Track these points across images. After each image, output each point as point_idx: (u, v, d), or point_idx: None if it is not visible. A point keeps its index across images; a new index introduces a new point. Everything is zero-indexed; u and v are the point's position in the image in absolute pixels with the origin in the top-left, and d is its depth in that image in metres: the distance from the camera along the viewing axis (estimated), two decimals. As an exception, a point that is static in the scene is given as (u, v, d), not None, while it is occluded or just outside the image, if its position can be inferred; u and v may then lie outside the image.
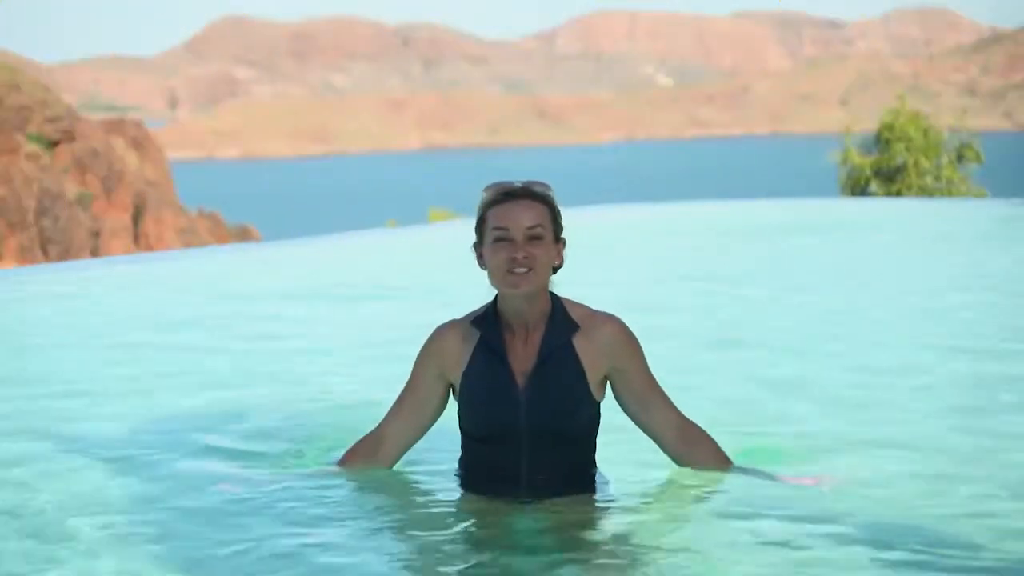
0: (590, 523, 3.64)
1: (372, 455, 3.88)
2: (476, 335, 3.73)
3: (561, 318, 3.71)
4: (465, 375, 3.72)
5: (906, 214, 16.05)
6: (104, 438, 4.81)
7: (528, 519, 3.62)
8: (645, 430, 3.82)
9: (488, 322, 3.73)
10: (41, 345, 6.81)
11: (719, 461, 3.85)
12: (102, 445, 4.70)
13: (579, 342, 3.70)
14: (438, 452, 4.11)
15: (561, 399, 3.66)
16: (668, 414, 3.78)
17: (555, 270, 3.75)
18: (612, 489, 3.84)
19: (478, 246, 3.72)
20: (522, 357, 3.70)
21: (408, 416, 3.82)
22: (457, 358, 3.75)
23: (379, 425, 3.87)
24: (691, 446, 3.81)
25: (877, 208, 17.59)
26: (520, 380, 3.68)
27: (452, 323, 3.80)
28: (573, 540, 3.53)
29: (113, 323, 7.62)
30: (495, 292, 3.73)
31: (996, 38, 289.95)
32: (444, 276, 9.39)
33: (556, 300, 3.74)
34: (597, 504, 3.74)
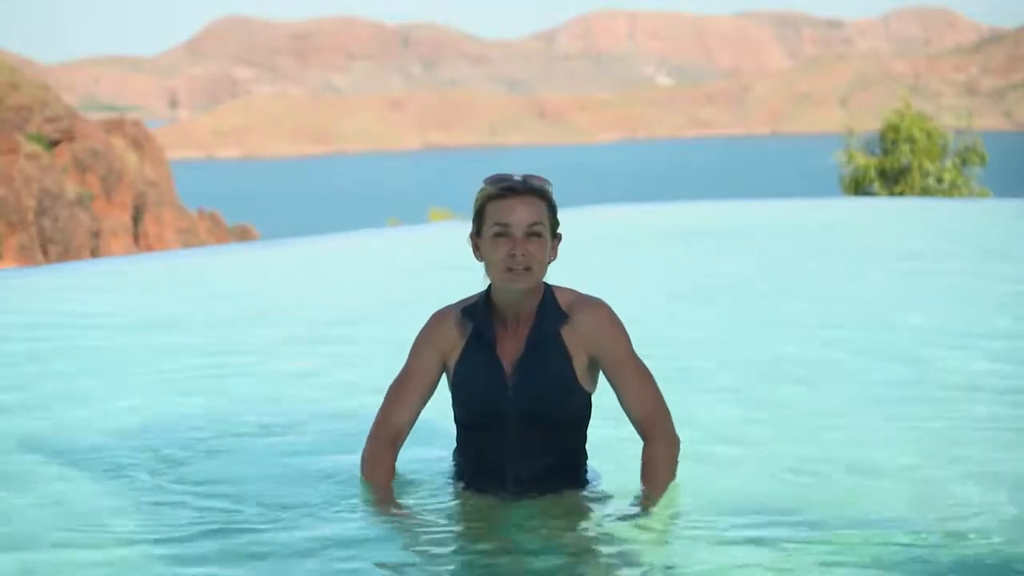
0: (577, 518, 3.65)
1: (392, 449, 3.83)
2: (468, 325, 3.77)
3: (552, 309, 3.74)
4: (459, 365, 3.77)
5: (908, 214, 16.05)
6: (108, 437, 4.82)
7: (515, 513, 3.63)
8: (623, 409, 3.81)
9: (480, 312, 3.76)
10: (42, 345, 6.82)
11: (653, 467, 3.75)
12: (104, 447, 4.71)
13: (567, 331, 3.73)
14: (431, 445, 4.14)
15: (547, 387, 3.69)
16: (641, 395, 3.75)
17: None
18: (602, 483, 3.84)
19: (475, 236, 3.74)
20: (512, 347, 3.74)
21: (413, 401, 3.81)
22: (453, 345, 3.79)
23: (385, 416, 3.82)
24: (646, 438, 3.78)
25: (880, 207, 17.59)
26: (508, 369, 3.72)
27: (447, 310, 3.84)
28: (559, 534, 3.54)
29: (114, 322, 7.63)
30: (488, 282, 3.76)
31: (996, 38, 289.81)
32: (444, 274, 9.40)
33: (548, 291, 3.77)
34: (585, 498, 3.75)
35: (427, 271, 9.93)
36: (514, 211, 3.65)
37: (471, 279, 3.92)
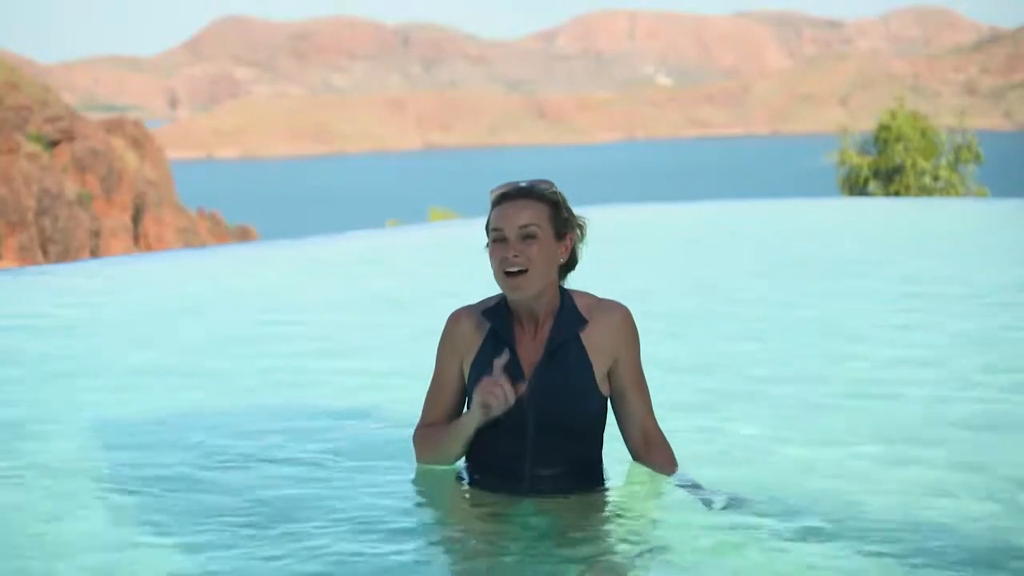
0: (593, 520, 3.63)
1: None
2: (487, 325, 3.74)
3: (570, 313, 3.71)
4: (475, 364, 3.72)
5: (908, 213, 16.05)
6: (115, 433, 4.82)
7: (530, 515, 3.61)
8: (616, 419, 3.81)
9: (499, 313, 3.73)
10: (43, 345, 6.81)
11: (669, 467, 3.82)
12: (115, 440, 4.71)
13: (587, 335, 3.70)
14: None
15: (567, 391, 3.66)
16: (642, 412, 3.78)
17: (568, 268, 3.75)
18: (618, 486, 3.82)
19: (487, 248, 3.74)
20: (531, 350, 3.70)
21: (447, 401, 3.81)
22: (470, 345, 3.75)
23: (423, 419, 3.84)
24: (651, 449, 3.79)
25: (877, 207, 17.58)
26: (528, 372, 3.68)
27: (466, 309, 3.80)
28: (574, 537, 3.52)
29: (115, 321, 7.62)
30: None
31: (996, 38, 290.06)
32: (445, 273, 9.39)
33: (565, 295, 3.74)
34: (601, 501, 3.73)
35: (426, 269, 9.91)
36: (507, 215, 3.64)
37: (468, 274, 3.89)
